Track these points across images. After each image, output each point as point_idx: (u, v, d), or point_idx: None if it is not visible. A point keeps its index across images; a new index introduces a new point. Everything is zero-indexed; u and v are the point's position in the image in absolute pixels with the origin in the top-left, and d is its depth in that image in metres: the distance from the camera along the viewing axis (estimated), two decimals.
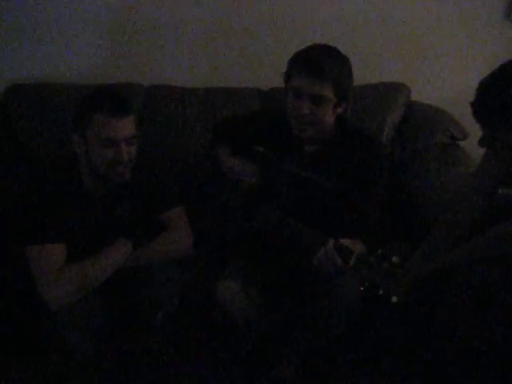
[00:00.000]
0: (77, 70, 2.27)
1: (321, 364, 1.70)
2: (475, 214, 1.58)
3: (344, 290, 1.51)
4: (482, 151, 2.16)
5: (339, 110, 1.61)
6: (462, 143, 2.18)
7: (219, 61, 2.31)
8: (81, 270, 1.48)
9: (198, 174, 2.01)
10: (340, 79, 1.55)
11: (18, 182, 1.91)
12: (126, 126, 1.51)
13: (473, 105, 1.33)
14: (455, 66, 2.29)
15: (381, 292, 1.27)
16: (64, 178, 1.56)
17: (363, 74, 2.21)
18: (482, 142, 1.38)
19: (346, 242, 1.41)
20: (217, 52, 2.30)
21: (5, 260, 1.66)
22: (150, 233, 1.62)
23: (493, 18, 2.23)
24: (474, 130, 2.14)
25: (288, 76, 1.62)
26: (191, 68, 2.31)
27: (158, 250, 1.61)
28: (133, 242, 1.57)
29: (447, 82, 2.31)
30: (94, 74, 2.27)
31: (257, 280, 1.64)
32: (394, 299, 1.25)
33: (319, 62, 1.53)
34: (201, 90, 2.24)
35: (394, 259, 1.27)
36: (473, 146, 2.15)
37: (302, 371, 1.68)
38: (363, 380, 1.68)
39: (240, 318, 1.62)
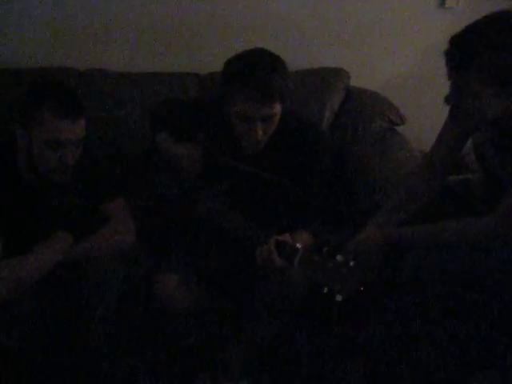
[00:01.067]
0: (10, 52, 2.16)
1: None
2: (426, 197, 1.58)
3: (287, 286, 1.50)
4: (418, 136, 2.24)
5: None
6: (398, 128, 2.22)
7: (156, 45, 2.24)
8: (14, 267, 1.38)
9: (139, 162, 1.94)
10: (284, 88, 1.48)
11: None
12: (78, 129, 1.43)
13: (446, 52, 1.32)
14: (392, 52, 2.32)
15: (325, 290, 1.27)
16: None
17: (302, 58, 2.24)
18: (448, 98, 1.37)
19: (288, 237, 1.39)
20: (154, 36, 2.23)
21: None
22: (91, 225, 1.55)
23: (428, 5, 2.26)
24: (410, 116, 2.24)
25: (229, 97, 1.50)
26: (127, 52, 2.24)
27: (100, 243, 1.54)
28: (73, 235, 1.49)
29: (385, 68, 2.34)
30: (27, 58, 2.17)
31: (195, 272, 1.60)
32: (339, 298, 1.24)
33: (265, 82, 1.43)
34: (138, 74, 2.17)
35: (339, 258, 1.26)
36: (409, 131, 2.25)
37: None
38: None
39: (179, 311, 1.57)
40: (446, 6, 2.26)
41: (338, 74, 2.20)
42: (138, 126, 2.08)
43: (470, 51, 1.27)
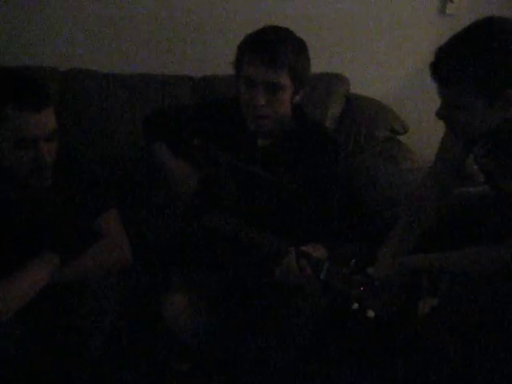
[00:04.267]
0: None
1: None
2: (433, 214, 1.53)
3: (309, 303, 1.39)
4: (420, 146, 2.18)
5: (297, 98, 1.47)
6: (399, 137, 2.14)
7: (147, 45, 2.11)
8: None
9: (131, 171, 1.79)
10: (297, 64, 1.40)
11: None
12: (46, 121, 1.26)
13: (432, 64, 1.25)
14: (393, 60, 2.25)
15: (356, 306, 1.16)
16: None
17: None
18: (439, 112, 1.30)
19: (310, 249, 1.28)
20: (143, 36, 2.10)
21: None
22: (81, 242, 1.39)
23: (428, 12, 2.21)
24: (411, 124, 2.17)
25: (239, 64, 1.45)
26: (116, 52, 2.09)
27: (92, 262, 1.37)
28: (60, 256, 1.32)
29: (385, 76, 2.27)
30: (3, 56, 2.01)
31: (205, 292, 1.46)
32: (371, 314, 1.14)
33: (273, 47, 1.37)
34: (126, 75, 2.03)
35: (370, 271, 1.17)
36: (411, 140, 2.18)
37: None
38: None
39: (188, 335, 1.43)
40: (447, 12, 2.20)
41: (338, 80, 2.11)
42: (128, 130, 1.95)
43: (457, 64, 1.19)
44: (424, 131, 2.18)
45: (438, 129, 1.49)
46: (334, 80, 2.10)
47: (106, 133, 1.95)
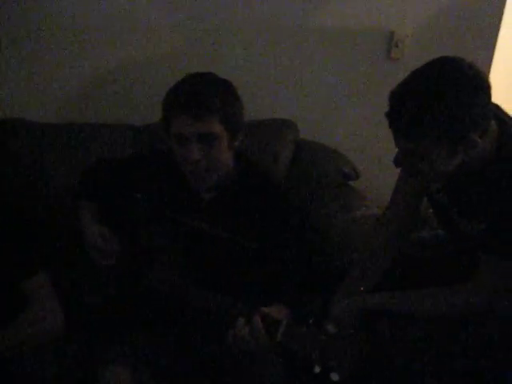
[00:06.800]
0: None
1: None
2: (391, 258, 1.49)
3: (265, 369, 1.26)
4: (372, 189, 2.13)
5: (236, 144, 1.39)
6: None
7: (84, 92, 1.99)
8: None
9: (63, 230, 1.63)
10: (226, 108, 1.32)
11: None
12: None
13: (389, 115, 1.18)
14: (341, 103, 2.22)
15: (317, 370, 1.05)
16: None
17: (250, 109, 2.07)
18: (397, 161, 1.24)
19: (270, 309, 1.17)
20: (81, 82, 1.98)
21: None
22: (6, 310, 1.23)
23: (374, 56, 2.20)
24: (362, 169, 2.12)
25: (166, 121, 1.36)
26: (51, 100, 1.97)
27: (21, 333, 1.23)
28: None
29: (333, 120, 2.23)
30: None
31: (151, 361, 1.31)
32: (335, 377, 1.04)
33: (198, 97, 1.29)
34: (63, 125, 1.90)
35: (330, 328, 1.06)
36: (362, 184, 2.12)
37: None
38: None
39: None
40: (392, 57, 2.20)
41: (286, 125, 2.05)
42: (65, 190, 1.78)
43: (415, 115, 1.13)
44: (376, 175, 2.13)
45: (392, 171, 1.43)
46: (282, 126, 2.03)
47: (39, 188, 1.80)
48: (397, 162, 1.24)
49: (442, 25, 2.12)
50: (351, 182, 2.07)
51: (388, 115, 1.18)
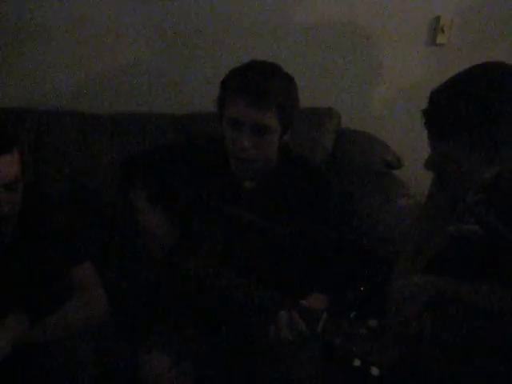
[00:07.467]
0: None
1: None
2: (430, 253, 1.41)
3: (304, 361, 1.25)
4: (415, 179, 2.08)
5: (285, 139, 1.37)
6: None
7: (126, 84, 2.00)
8: None
9: (109, 219, 1.66)
10: (285, 103, 1.29)
11: None
12: (6, 168, 1.16)
13: (426, 113, 1.13)
14: (384, 92, 2.17)
15: (357, 363, 1.03)
16: None
17: None
18: (428, 164, 1.19)
19: (306, 302, 1.16)
20: (123, 74, 1.99)
21: None
22: (53, 299, 1.26)
23: (418, 42, 2.15)
24: (405, 158, 2.08)
25: (222, 102, 1.34)
26: (93, 91, 1.99)
27: (67, 321, 1.25)
28: (30, 316, 1.19)
29: (377, 109, 2.19)
30: None
31: (191, 351, 1.32)
32: (375, 371, 1.02)
33: (260, 86, 1.25)
34: (105, 115, 1.93)
35: (371, 323, 1.05)
36: (405, 173, 2.08)
37: None
38: None
39: None
40: (437, 42, 2.14)
41: (329, 114, 2.02)
42: (107, 173, 1.82)
43: (452, 118, 1.07)
44: (419, 165, 2.08)
45: None
46: (324, 114, 2.01)
47: (84, 177, 1.83)
48: (428, 165, 1.19)
49: (488, 10, 2.05)
50: (394, 172, 2.04)
51: (425, 113, 1.14)
